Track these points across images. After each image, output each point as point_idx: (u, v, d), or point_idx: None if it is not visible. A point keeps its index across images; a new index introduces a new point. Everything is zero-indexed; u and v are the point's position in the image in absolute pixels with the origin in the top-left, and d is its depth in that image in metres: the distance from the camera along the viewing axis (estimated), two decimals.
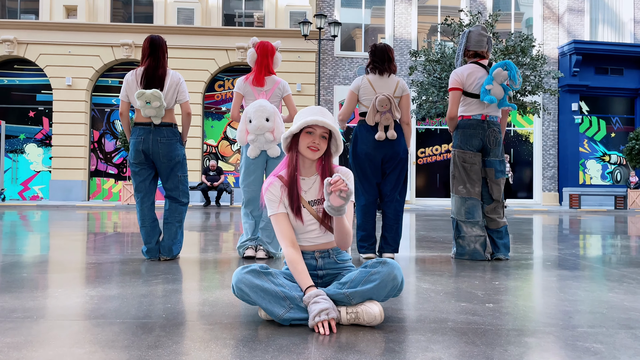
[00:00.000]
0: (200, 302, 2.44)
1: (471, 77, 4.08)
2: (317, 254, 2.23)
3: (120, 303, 2.41)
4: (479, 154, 4.11)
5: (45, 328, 1.98)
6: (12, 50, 16.80)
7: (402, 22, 18.23)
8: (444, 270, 3.50)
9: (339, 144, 2.22)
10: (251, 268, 2.04)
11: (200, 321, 2.10)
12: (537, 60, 14.11)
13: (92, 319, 2.12)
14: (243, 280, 2.00)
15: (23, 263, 3.64)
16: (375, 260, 2.09)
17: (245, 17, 18.06)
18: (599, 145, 18.71)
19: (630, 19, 18.79)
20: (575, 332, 1.96)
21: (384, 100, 3.90)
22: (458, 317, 2.19)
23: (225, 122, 17.84)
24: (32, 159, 17.49)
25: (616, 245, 5.28)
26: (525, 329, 2.00)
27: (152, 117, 3.79)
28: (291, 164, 2.18)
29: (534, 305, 2.43)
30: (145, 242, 3.89)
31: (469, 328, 2.01)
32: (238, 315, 2.19)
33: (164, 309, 2.30)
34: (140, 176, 3.88)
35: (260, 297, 1.98)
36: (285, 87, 4.23)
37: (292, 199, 2.15)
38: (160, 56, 3.86)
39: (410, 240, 5.59)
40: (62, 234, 5.88)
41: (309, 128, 2.14)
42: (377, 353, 1.67)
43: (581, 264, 3.85)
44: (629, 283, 3.07)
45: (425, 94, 14.74)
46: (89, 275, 3.15)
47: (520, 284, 3.00)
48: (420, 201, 18.33)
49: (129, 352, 1.69)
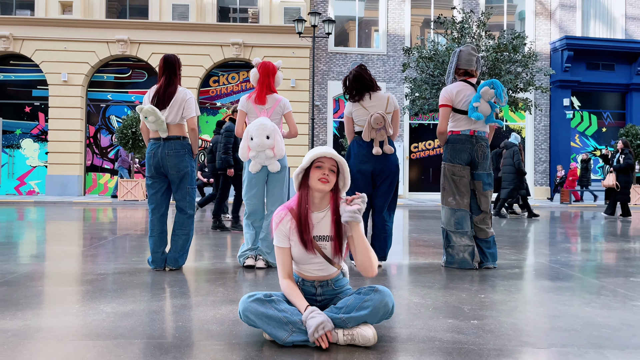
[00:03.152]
0: (209, 320, 2.64)
1: (460, 95, 4.27)
2: (316, 283, 2.43)
3: (134, 321, 2.61)
4: (468, 167, 4.30)
5: (72, 349, 2.18)
6: (8, 46, 16.84)
7: (396, 18, 18.36)
8: (434, 281, 3.72)
9: (347, 177, 2.38)
10: (256, 297, 2.24)
11: (210, 341, 2.29)
12: (528, 58, 14.30)
13: (112, 338, 2.31)
14: (249, 309, 2.20)
15: (36, 274, 3.82)
16: (368, 288, 2.29)
17: (240, 13, 18.12)
18: (590, 140, 19.00)
19: (622, 14, 19.01)
20: (549, 352, 2.18)
21: (378, 118, 4.12)
22: (445, 335, 2.40)
23: (220, 117, 17.96)
24: (28, 154, 17.58)
25: (599, 250, 5.52)
26: (505, 349, 2.22)
27: (159, 131, 4.00)
28: (303, 200, 2.34)
29: (515, 322, 2.64)
30: (152, 251, 4.07)
31: (454, 348, 2.22)
32: (244, 335, 2.39)
33: (175, 328, 2.50)
34: (152, 188, 4.09)
35: (265, 323, 2.19)
36: (286, 105, 4.39)
37: (302, 234, 2.33)
38: (172, 74, 4.10)
39: (403, 245, 5.81)
40: (66, 238, 6.05)
41: (318, 162, 2.31)
42: None
43: (563, 273, 4.08)
44: (606, 296, 3.29)
45: (419, 91, 14.93)
46: (101, 289, 3.34)
47: (505, 297, 3.22)
48: (413, 195, 18.59)
49: None
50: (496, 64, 14.15)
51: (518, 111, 15.05)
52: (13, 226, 7.50)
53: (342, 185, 2.41)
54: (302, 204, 2.33)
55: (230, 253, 5.09)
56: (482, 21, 14.26)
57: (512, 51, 14.11)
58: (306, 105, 17.71)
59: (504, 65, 14.14)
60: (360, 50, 18.30)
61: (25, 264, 4.34)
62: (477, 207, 4.35)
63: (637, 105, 18.65)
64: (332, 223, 2.35)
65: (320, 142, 18.12)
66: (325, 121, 18.21)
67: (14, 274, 3.86)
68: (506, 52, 14.21)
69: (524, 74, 14.67)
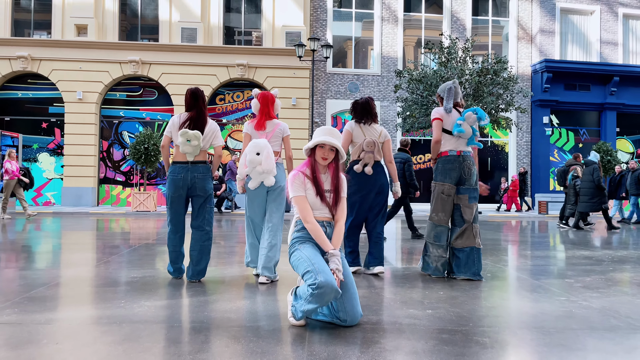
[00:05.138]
0: (227, 311, 3.59)
1: (450, 117, 5.06)
2: (325, 223, 3.31)
3: (171, 311, 3.45)
4: (455, 187, 4.89)
5: (129, 330, 2.98)
6: (27, 66, 18.00)
7: (389, 41, 19.72)
8: (406, 282, 4.87)
9: (342, 154, 3.31)
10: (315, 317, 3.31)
11: (230, 324, 3.15)
12: (509, 81, 15.69)
13: (157, 323, 3.13)
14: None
15: (79, 277, 4.69)
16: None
17: (244, 35, 19.42)
18: (568, 155, 20.42)
19: (597, 39, 20.47)
20: (475, 329, 3.41)
21: (370, 142, 4.98)
22: (404, 320, 3.34)
23: (226, 132, 19.24)
24: (45, 167, 18.75)
25: (549, 257, 6.79)
26: (445, 328, 3.30)
27: (188, 153, 4.40)
28: (311, 166, 3.28)
29: (459, 311, 3.73)
30: (173, 262, 4.64)
31: (408, 328, 3.33)
32: (255, 319, 3.41)
33: (203, 315, 3.30)
34: (174, 209, 4.48)
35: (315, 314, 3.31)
36: (285, 130, 4.84)
37: (317, 188, 3.24)
38: (202, 107, 4.56)
39: (389, 251, 7.05)
40: (94, 246, 7.08)
41: (322, 144, 3.24)
42: (358, 342, 3.07)
43: (512, 275, 5.33)
44: (538, 292, 4.43)
45: (409, 110, 16.28)
46: (137, 289, 4.21)
47: (458, 294, 4.30)
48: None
49: (199, 345, 3.09)
50: (479, 87, 15.52)
51: (501, 128, 16.42)
52: (42, 235, 8.60)
53: (340, 158, 3.34)
54: (311, 169, 3.28)
55: (238, 259, 6.32)
56: (467, 47, 15.65)
57: (494, 75, 15.49)
58: (306, 122, 19.02)
59: (486, 88, 15.51)
60: (356, 71, 19.63)
61: (68, 269, 5.16)
62: (460, 219, 4.90)
63: (611, 123, 20.10)
64: (332, 181, 3.31)
65: None
66: None
67: (63, 277, 4.68)
68: (489, 75, 15.59)
69: (504, 96, 16.06)
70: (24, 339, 2.85)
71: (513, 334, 3.16)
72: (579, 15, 20.66)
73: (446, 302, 4.02)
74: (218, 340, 2.88)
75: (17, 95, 18.58)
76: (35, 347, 2.71)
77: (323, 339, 2.97)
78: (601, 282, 4.94)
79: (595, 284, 4.87)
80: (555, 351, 2.78)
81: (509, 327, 3.28)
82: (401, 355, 2.71)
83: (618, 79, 19.66)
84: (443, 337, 3.08)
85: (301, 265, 3.10)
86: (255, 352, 2.69)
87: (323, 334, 3.06)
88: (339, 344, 2.88)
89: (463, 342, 2.98)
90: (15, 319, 3.28)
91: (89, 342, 2.81)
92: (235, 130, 19.27)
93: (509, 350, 2.82)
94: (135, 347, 2.72)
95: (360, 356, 2.67)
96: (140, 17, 18.99)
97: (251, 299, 3.96)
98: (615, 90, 19.86)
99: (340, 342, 2.91)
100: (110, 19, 18.59)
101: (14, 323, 3.18)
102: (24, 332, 2.99)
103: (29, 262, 5.71)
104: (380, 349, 2.80)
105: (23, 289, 4.20)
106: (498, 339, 3.02)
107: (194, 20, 18.63)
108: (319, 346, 2.82)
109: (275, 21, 19.05)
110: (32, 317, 3.33)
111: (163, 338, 2.90)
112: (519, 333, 3.17)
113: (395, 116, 19.34)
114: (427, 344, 2.92)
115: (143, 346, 2.75)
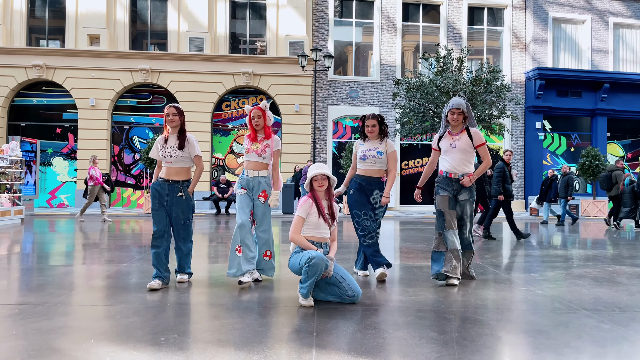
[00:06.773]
0: (253, 297, 4.69)
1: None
2: (323, 244, 4.25)
3: (202, 297, 4.56)
4: (452, 197, 5.28)
5: (175, 311, 4.26)
6: (42, 74, 18.90)
7: (388, 49, 20.57)
8: (402, 277, 5.80)
9: (333, 180, 4.35)
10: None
11: (245, 304, 4.33)
12: (502, 89, 16.52)
13: (194, 305, 4.37)
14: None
15: (122, 272, 5.67)
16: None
17: (249, 44, 20.29)
18: (560, 158, 21.27)
19: (588, 47, 21.31)
20: (446, 309, 4.27)
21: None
22: (392, 303, 4.48)
23: (232, 137, 20.10)
24: (59, 170, 19.63)
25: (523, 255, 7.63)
26: (423, 309, 4.26)
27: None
28: (313, 196, 4.27)
29: (436, 297, 4.65)
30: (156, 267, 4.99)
31: (394, 308, 4.30)
32: (264, 301, 4.40)
33: (222, 301, 4.49)
34: (158, 222, 4.90)
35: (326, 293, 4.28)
36: (277, 143, 5.15)
37: (319, 212, 4.24)
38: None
39: (388, 250, 7.89)
40: (120, 245, 8.06)
41: (315, 177, 4.26)
42: (355, 317, 3.95)
43: (488, 271, 6.17)
44: (505, 284, 5.37)
45: (407, 116, 17.12)
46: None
47: (443, 283, 5.31)
48: (403, 207, 20.74)
49: (236, 319, 3.96)
50: (473, 95, 16.35)
51: (496, 133, 17.24)
52: (67, 237, 9.48)
53: (332, 183, 4.42)
54: (313, 198, 4.27)
55: None
56: (461, 58, 16.49)
57: (487, 84, 16.32)
58: (308, 128, 19.88)
59: (480, 97, 16.35)
60: (356, 78, 20.49)
61: (107, 264, 6.09)
62: (459, 217, 5.34)
63: (601, 128, 20.93)
64: (328, 206, 4.35)
65: (321, 159, 20.25)
66: (325, 141, 20.38)
67: (110, 271, 5.61)
68: (482, 84, 16.43)
69: (497, 103, 16.89)
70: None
71: (474, 312, 3.99)
72: (571, 25, 21.50)
73: (427, 291, 4.87)
74: (250, 316, 3.77)
75: (32, 102, 19.46)
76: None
77: (328, 314, 3.84)
78: (561, 276, 5.78)
79: (555, 277, 5.71)
80: (502, 323, 3.62)
81: (472, 308, 4.13)
82: (386, 325, 3.55)
83: (608, 85, 20.46)
84: (419, 314, 3.92)
85: (299, 260, 4.09)
86: (277, 323, 3.57)
87: (328, 311, 3.92)
88: (340, 318, 3.75)
89: (433, 317, 3.82)
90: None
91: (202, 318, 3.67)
92: (240, 136, 20.11)
93: (467, 323, 3.66)
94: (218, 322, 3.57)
95: (355, 326, 3.52)
96: (150, 27, 19.86)
97: (269, 289, 4.87)
98: (606, 97, 20.67)
99: (341, 317, 3.77)
100: (122, 29, 19.46)
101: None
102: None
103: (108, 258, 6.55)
104: (371, 322, 3.65)
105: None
106: (461, 315, 3.86)
107: (202, 30, 19.48)
108: (325, 319, 3.69)
109: (279, 31, 19.90)
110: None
111: (212, 314, 3.81)
112: (478, 311, 4.00)
113: (394, 122, 20.19)
114: (407, 319, 3.76)
115: (224, 322, 3.61)
